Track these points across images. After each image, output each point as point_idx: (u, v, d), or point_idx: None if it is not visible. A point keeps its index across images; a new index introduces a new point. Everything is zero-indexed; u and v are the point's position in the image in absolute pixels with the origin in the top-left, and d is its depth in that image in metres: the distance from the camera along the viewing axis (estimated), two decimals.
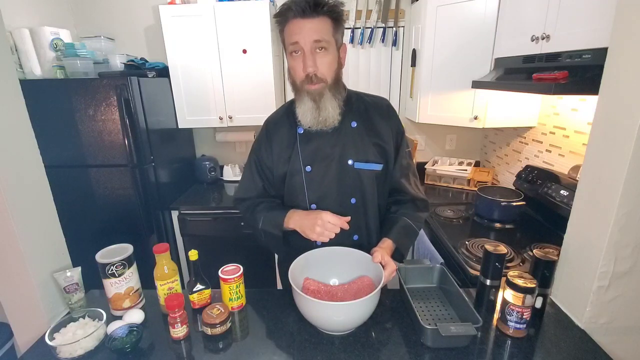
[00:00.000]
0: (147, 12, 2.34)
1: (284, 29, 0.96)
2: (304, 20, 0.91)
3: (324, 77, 0.97)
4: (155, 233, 2.07)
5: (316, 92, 0.98)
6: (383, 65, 2.41)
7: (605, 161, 0.88)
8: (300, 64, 0.95)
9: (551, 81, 1.23)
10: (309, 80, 0.96)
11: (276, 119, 1.14)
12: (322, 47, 0.94)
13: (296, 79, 0.99)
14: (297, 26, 0.92)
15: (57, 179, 1.31)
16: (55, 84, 1.85)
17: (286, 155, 1.09)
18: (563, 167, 1.69)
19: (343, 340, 0.90)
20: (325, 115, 1.00)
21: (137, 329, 0.91)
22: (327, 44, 0.94)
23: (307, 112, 1.00)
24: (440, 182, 2.40)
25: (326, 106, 0.99)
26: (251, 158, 1.16)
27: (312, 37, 0.92)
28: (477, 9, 1.78)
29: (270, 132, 1.12)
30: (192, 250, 1.00)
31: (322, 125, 1.01)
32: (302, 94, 1.00)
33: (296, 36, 0.92)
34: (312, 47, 0.93)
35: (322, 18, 0.93)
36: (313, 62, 0.94)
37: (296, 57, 0.96)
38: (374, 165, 1.07)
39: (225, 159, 2.65)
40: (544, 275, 0.96)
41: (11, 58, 0.99)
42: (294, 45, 0.94)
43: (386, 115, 1.10)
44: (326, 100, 0.99)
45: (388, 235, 1.07)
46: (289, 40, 0.95)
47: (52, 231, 1.09)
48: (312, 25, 0.92)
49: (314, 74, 0.95)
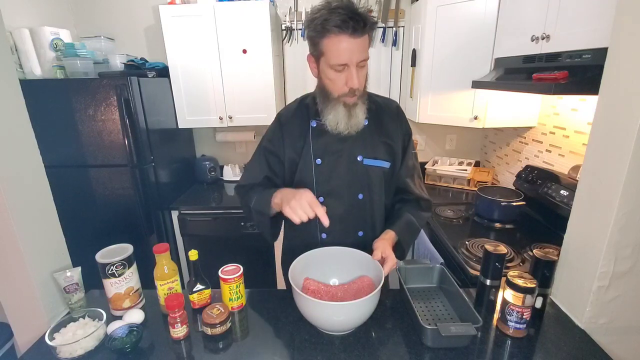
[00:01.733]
0: (147, 12, 2.34)
1: (323, 40, 0.92)
2: (354, 40, 0.90)
3: (362, 89, 1.00)
4: (155, 233, 2.07)
5: (352, 104, 1.01)
6: (383, 65, 2.41)
7: (605, 161, 0.88)
8: (343, 78, 0.95)
9: (551, 81, 1.23)
10: (351, 94, 0.98)
11: (289, 111, 1.15)
12: (363, 64, 0.96)
13: (334, 91, 0.99)
14: (347, 45, 0.90)
15: (57, 179, 1.31)
16: (55, 84, 1.85)
17: (298, 146, 1.10)
18: (563, 167, 1.69)
19: (343, 340, 0.90)
20: (355, 122, 1.03)
21: (137, 329, 0.91)
22: (367, 58, 0.96)
23: (341, 120, 1.02)
24: (440, 182, 2.40)
25: (357, 113, 1.02)
26: (260, 149, 1.17)
27: (360, 57, 0.92)
28: (477, 9, 1.78)
29: (283, 123, 1.13)
30: (192, 250, 1.00)
31: (352, 130, 1.04)
32: (337, 104, 1.01)
33: (345, 57, 0.91)
34: (359, 65, 0.94)
35: (366, 36, 0.92)
36: (358, 77, 0.95)
37: (339, 71, 0.95)
38: (382, 163, 1.09)
39: (225, 159, 2.65)
40: (544, 275, 0.96)
41: (11, 58, 0.99)
42: (341, 66, 0.93)
43: (396, 116, 1.13)
44: (358, 108, 1.02)
45: (391, 227, 1.08)
46: (336, 57, 0.92)
47: (52, 231, 1.09)
48: (360, 46, 0.91)
49: (357, 88, 0.96)
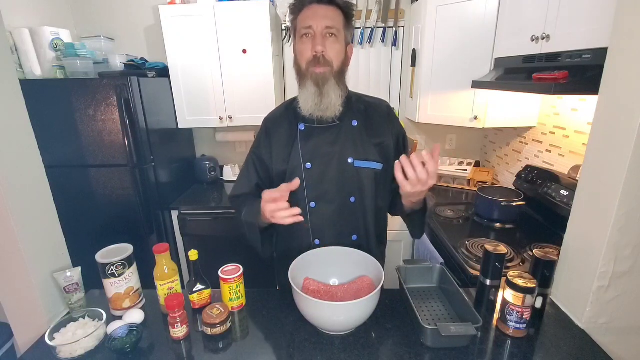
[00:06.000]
0: (147, 12, 2.34)
1: (298, 16, 0.99)
2: (319, 6, 0.96)
3: (330, 61, 0.98)
4: (155, 233, 2.07)
5: (321, 76, 0.98)
6: (383, 65, 2.41)
7: (605, 161, 0.88)
8: (309, 46, 0.97)
9: (551, 81, 1.23)
10: (316, 61, 0.96)
11: (276, 116, 1.14)
12: (332, 34, 0.97)
13: (302, 62, 0.99)
14: (312, 11, 0.96)
15: (57, 179, 1.31)
16: (55, 84, 1.85)
17: (286, 153, 1.08)
18: (563, 167, 1.69)
19: (343, 340, 0.90)
20: (327, 103, 0.99)
21: (137, 329, 0.91)
22: (338, 32, 0.98)
23: (309, 98, 0.99)
24: (440, 182, 2.40)
25: (329, 93, 0.99)
26: (249, 156, 1.16)
27: (325, 22, 0.95)
28: (477, 9, 1.78)
29: (270, 130, 1.11)
30: (192, 250, 1.00)
31: (323, 113, 1.01)
32: (305, 79, 1.00)
33: (310, 20, 0.96)
34: (324, 31, 0.96)
35: (336, 9, 0.98)
36: (323, 43, 0.96)
37: (306, 40, 0.98)
38: (374, 164, 1.06)
39: (225, 159, 2.65)
40: (544, 275, 0.96)
41: (11, 58, 0.99)
42: (306, 29, 0.97)
43: (386, 116, 1.11)
44: (330, 86, 0.99)
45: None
46: (302, 24, 0.98)
47: (52, 231, 1.09)
48: (326, 12, 0.96)
49: (322, 54, 0.96)
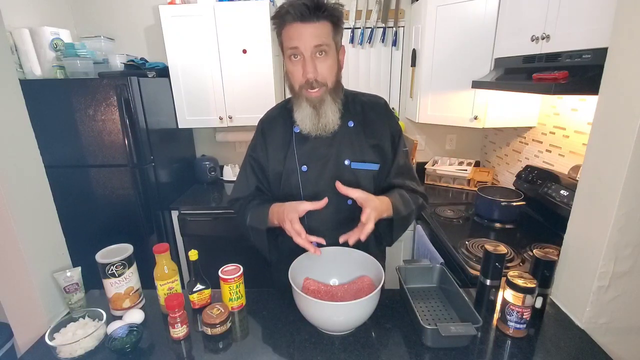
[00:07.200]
0: (147, 12, 2.34)
1: (282, 31, 0.93)
2: (303, 25, 0.88)
3: (324, 81, 0.95)
4: (155, 233, 2.07)
5: (316, 100, 0.96)
6: (383, 65, 2.41)
7: (605, 161, 0.88)
8: (299, 69, 0.93)
9: (551, 81, 1.23)
10: (309, 86, 0.94)
11: (271, 117, 1.13)
12: (322, 52, 0.91)
13: (295, 83, 0.96)
14: (297, 31, 0.89)
15: (57, 179, 1.31)
16: (55, 84, 1.85)
17: (281, 155, 1.07)
18: (563, 167, 1.69)
19: (343, 340, 0.90)
20: (325, 122, 0.98)
21: (137, 329, 0.91)
22: (328, 47, 0.92)
23: (306, 119, 0.98)
24: (440, 182, 2.40)
25: (326, 112, 0.97)
26: (246, 158, 1.15)
27: (312, 42, 0.89)
28: (477, 9, 1.78)
29: (265, 131, 1.11)
30: (192, 250, 1.00)
31: (322, 131, 1.00)
32: (300, 100, 0.98)
33: (295, 41, 0.90)
34: (312, 52, 0.90)
35: (322, 22, 0.90)
36: (313, 67, 0.92)
37: (295, 61, 0.93)
38: (371, 165, 1.06)
39: (225, 159, 2.65)
40: (544, 275, 0.96)
41: (11, 58, 0.99)
42: (293, 50, 0.91)
43: (383, 114, 1.09)
44: (326, 106, 0.97)
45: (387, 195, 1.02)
46: (287, 44, 0.92)
47: (52, 231, 1.09)
48: (312, 30, 0.89)
49: (315, 79, 0.93)
